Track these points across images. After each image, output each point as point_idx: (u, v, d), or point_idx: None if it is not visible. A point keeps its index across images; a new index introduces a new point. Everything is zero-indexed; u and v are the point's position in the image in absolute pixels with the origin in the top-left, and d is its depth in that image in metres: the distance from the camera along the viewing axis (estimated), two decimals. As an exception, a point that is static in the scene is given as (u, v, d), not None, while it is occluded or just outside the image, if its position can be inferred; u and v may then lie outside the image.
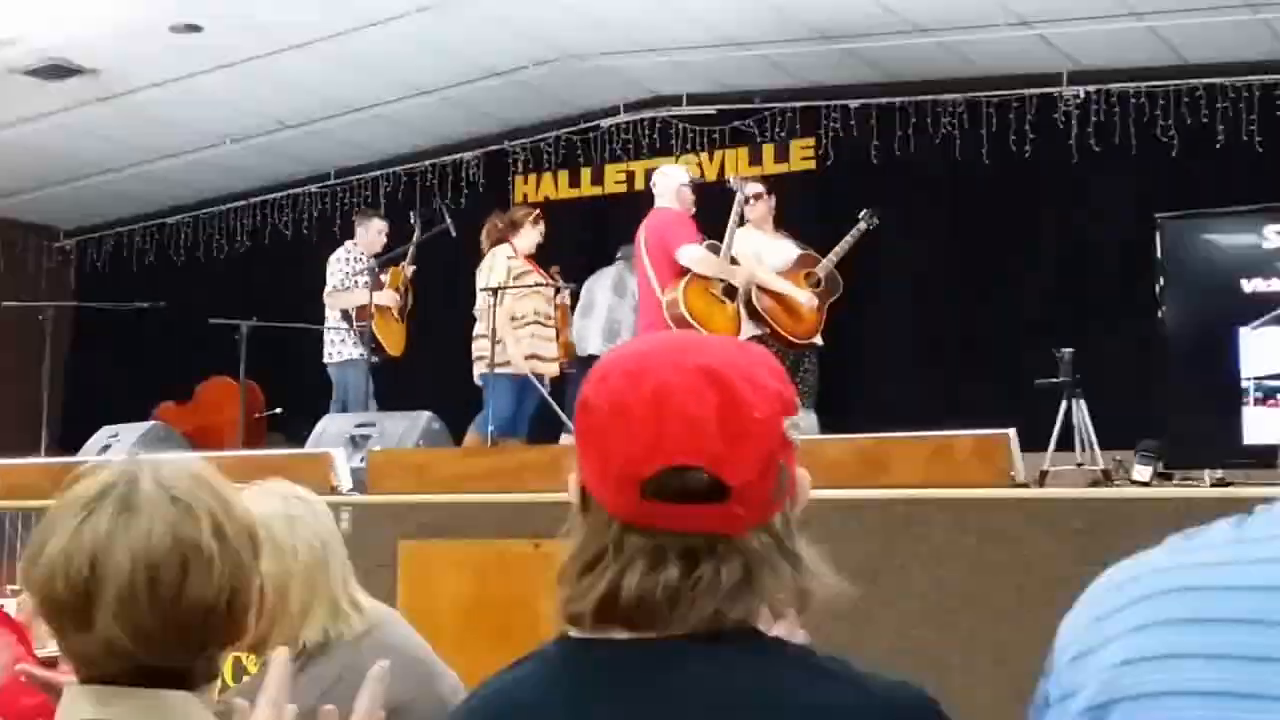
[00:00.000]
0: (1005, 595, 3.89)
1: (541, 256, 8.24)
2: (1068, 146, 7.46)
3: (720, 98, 8.73)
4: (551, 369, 6.96)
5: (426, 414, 6.17)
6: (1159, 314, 4.81)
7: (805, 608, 1.19)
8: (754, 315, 6.34)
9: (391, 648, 2.25)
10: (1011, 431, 4.54)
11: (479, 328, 6.97)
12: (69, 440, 7.68)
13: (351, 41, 7.62)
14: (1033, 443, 4.80)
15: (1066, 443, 5.03)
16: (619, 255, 7.89)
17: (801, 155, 8.51)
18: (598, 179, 9.18)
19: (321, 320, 7.64)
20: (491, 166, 9.46)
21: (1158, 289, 4.91)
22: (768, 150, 8.66)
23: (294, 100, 8.57)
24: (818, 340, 6.48)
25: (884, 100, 8.23)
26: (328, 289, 7.53)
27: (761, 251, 6.46)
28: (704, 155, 8.85)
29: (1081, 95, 7.72)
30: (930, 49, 7.64)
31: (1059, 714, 0.98)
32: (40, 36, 7.34)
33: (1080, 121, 7.62)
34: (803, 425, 1.22)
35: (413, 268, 7.61)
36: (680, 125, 8.89)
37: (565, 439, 7.67)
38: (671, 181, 6.82)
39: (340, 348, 7.45)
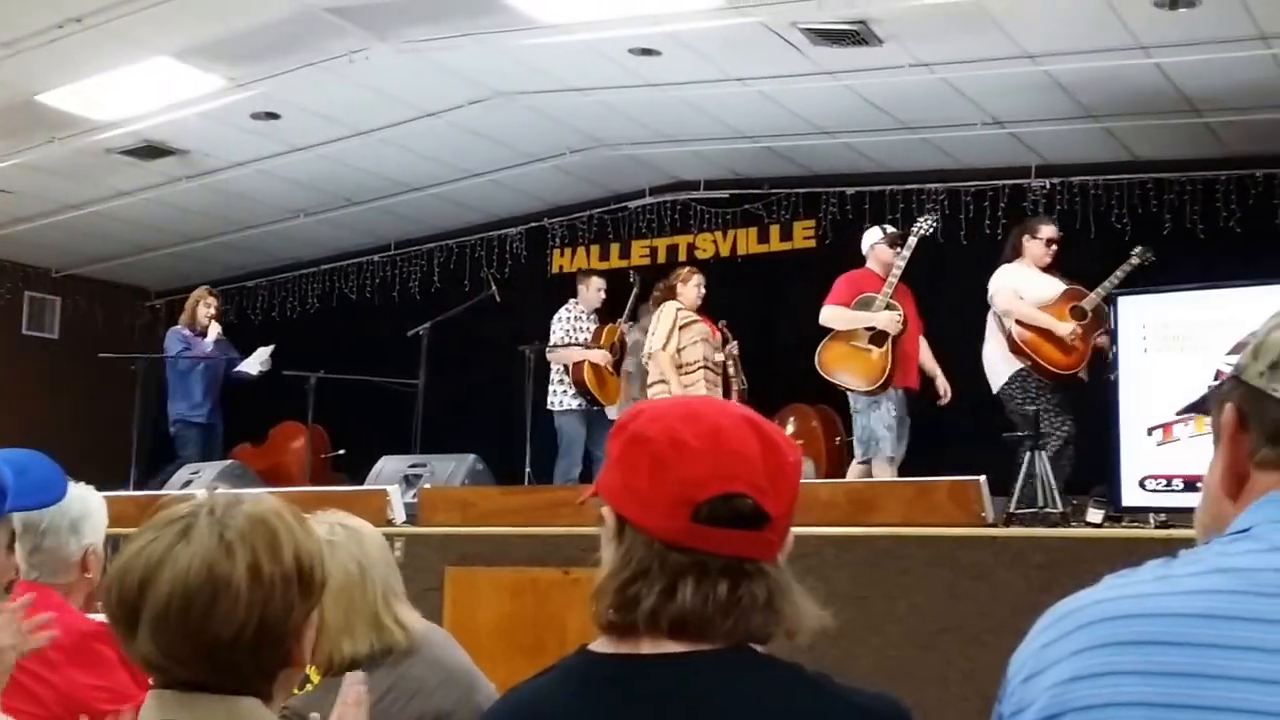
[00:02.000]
0: (976, 622, 3.87)
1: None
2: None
3: (733, 183, 8.75)
4: None
5: (472, 456, 6.19)
6: (1112, 377, 4.81)
7: (796, 635, 1.20)
8: (1015, 350, 5.62)
9: (437, 662, 2.23)
10: (982, 478, 4.54)
11: (654, 374, 6.69)
12: (155, 476, 7.71)
13: (411, 130, 7.67)
14: (1000, 488, 4.81)
15: (1030, 489, 5.02)
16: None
17: (804, 235, 8.51)
18: (625, 253, 9.17)
19: (380, 373, 7.66)
20: (532, 240, 9.47)
21: (1112, 355, 4.92)
22: (774, 230, 8.67)
23: (359, 180, 8.59)
24: (1082, 373, 5.60)
25: (876, 188, 8.25)
26: (549, 344, 7.43)
27: (1020, 286, 5.74)
28: (718, 234, 8.87)
29: (1047, 186, 7.75)
30: (916, 144, 7.69)
31: None
32: (138, 121, 7.40)
33: (1046, 209, 7.61)
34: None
35: (628, 324, 7.49)
36: (698, 207, 8.91)
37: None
38: (864, 244, 6.38)
39: (561, 398, 7.32)
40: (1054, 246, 5.89)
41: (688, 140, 8.04)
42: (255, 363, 7.71)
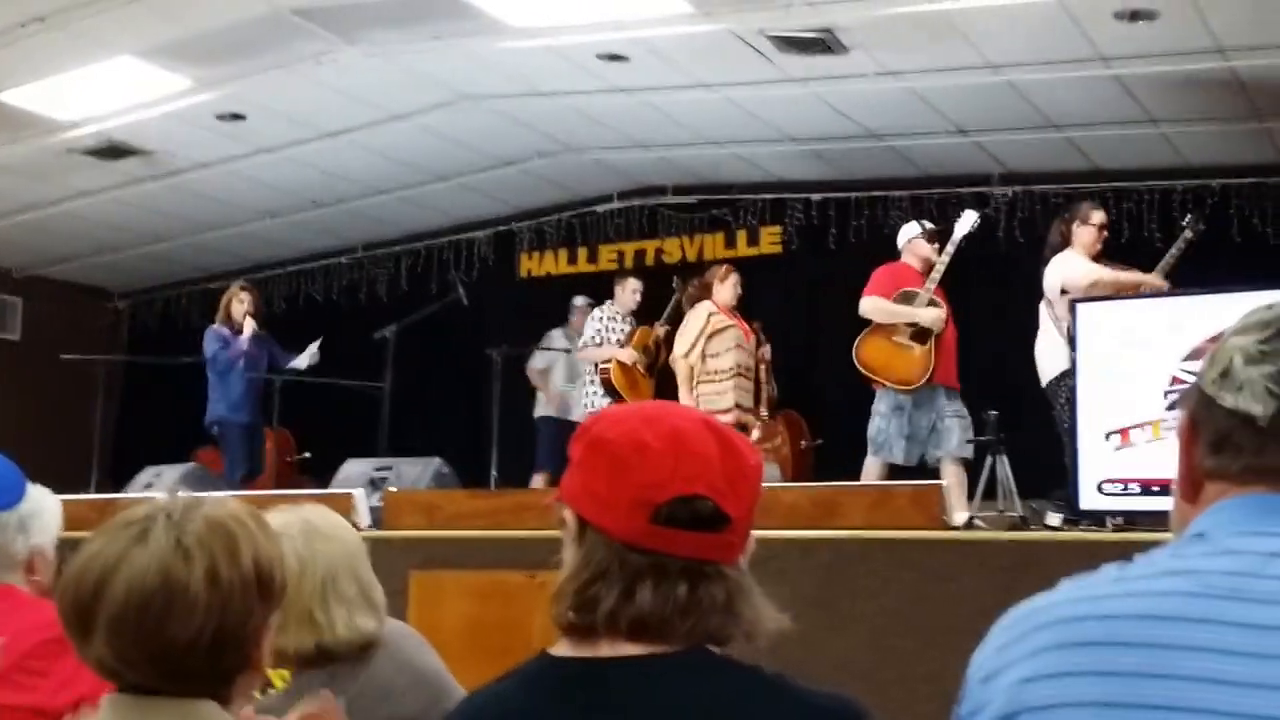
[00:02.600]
0: (937, 623, 3.89)
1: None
2: (997, 238, 7.53)
3: (701, 189, 8.77)
4: (748, 419, 6.43)
5: (438, 460, 6.18)
6: (1072, 383, 4.86)
7: (755, 638, 1.20)
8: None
9: (407, 664, 2.20)
10: (944, 483, 4.58)
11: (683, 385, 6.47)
12: (117, 478, 7.62)
13: (379, 132, 7.63)
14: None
15: (991, 493, 5.06)
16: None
17: (769, 240, 8.54)
18: (593, 257, 9.18)
19: (346, 376, 7.58)
20: (500, 244, 9.45)
21: (1071, 361, 4.97)
22: (741, 235, 8.70)
23: (326, 182, 8.53)
24: None
25: (841, 195, 8.30)
26: (580, 343, 7.37)
27: (1065, 270, 5.45)
28: (685, 238, 8.90)
29: (1010, 194, 7.83)
30: (882, 152, 7.74)
31: None
32: (101, 121, 7.32)
33: (1008, 216, 7.70)
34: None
35: (665, 328, 7.27)
36: (665, 212, 8.92)
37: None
38: (902, 238, 6.14)
39: (591, 398, 7.21)
40: (1105, 233, 5.66)
41: (655, 145, 8.06)
42: (306, 358, 7.51)
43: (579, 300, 8.10)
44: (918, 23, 5.91)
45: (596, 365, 7.20)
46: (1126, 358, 4.63)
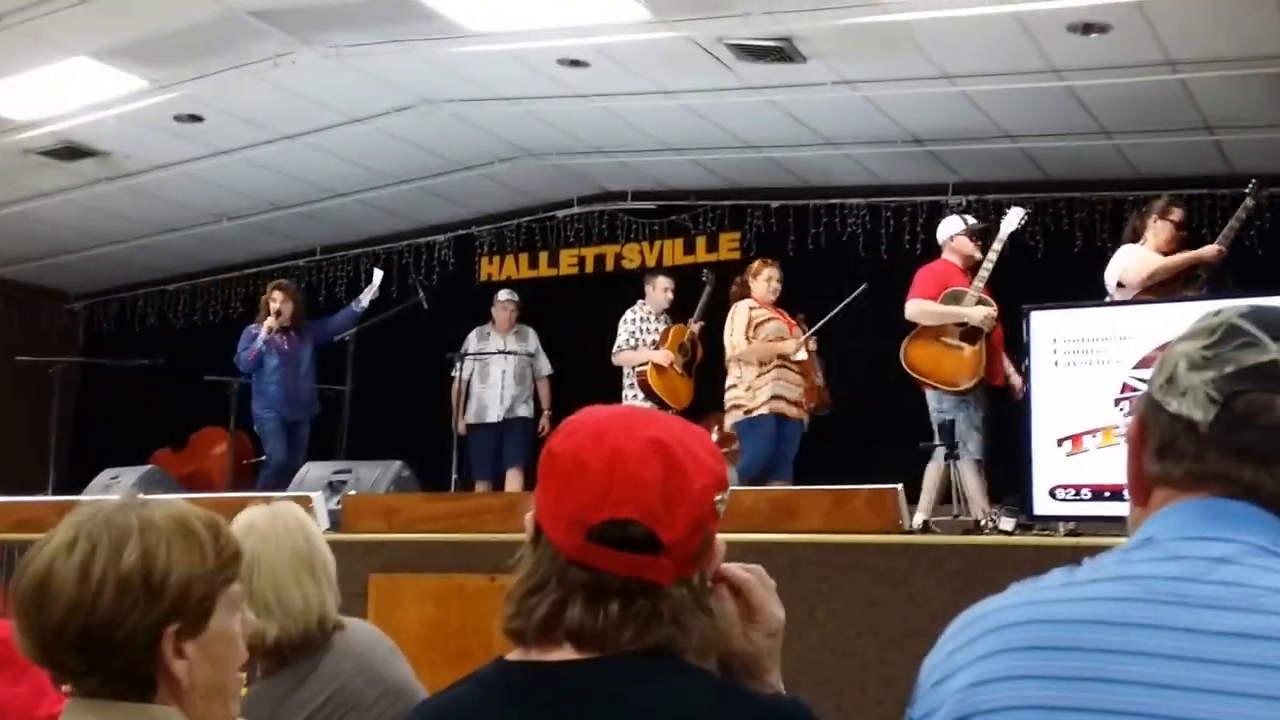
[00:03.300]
0: (893, 626, 3.91)
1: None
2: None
3: (660, 194, 8.78)
4: (795, 412, 6.29)
5: (398, 463, 6.12)
6: (1025, 390, 4.91)
7: (708, 652, 1.19)
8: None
9: (376, 676, 2.20)
10: (899, 486, 4.61)
11: (731, 377, 6.30)
12: (74, 480, 7.51)
13: (338, 135, 7.58)
14: (917, 497, 4.88)
15: (946, 497, 5.10)
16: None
17: (729, 247, 8.57)
18: (553, 262, 9.18)
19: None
20: (460, 248, 9.42)
21: (1024, 368, 5.02)
22: (700, 241, 8.72)
23: (285, 185, 8.46)
24: None
25: (800, 202, 8.34)
26: (614, 348, 7.11)
27: (1123, 262, 5.32)
28: (645, 244, 8.92)
29: (964, 203, 7.86)
30: (840, 160, 7.79)
31: None
32: (57, 122, 7.23)
33: (962, 225, 7.82)
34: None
35: (700, 324, 7.11)
36: (625, 218, 8.94)
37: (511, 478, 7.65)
38: (941, 235, 5.96)
39: (633, 401, 6.96)
40: (1183, 231, 5.48)
41: (615, 151, 8.06)
42: (368, 295, 7.50)
43: (502, 295, 8.02)
44: (875, 34, 5.95)
45: (634, 369, 7.02)
46: (1079, 365, 4.68)
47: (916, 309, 5.66)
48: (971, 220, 6.02)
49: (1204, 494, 1.01)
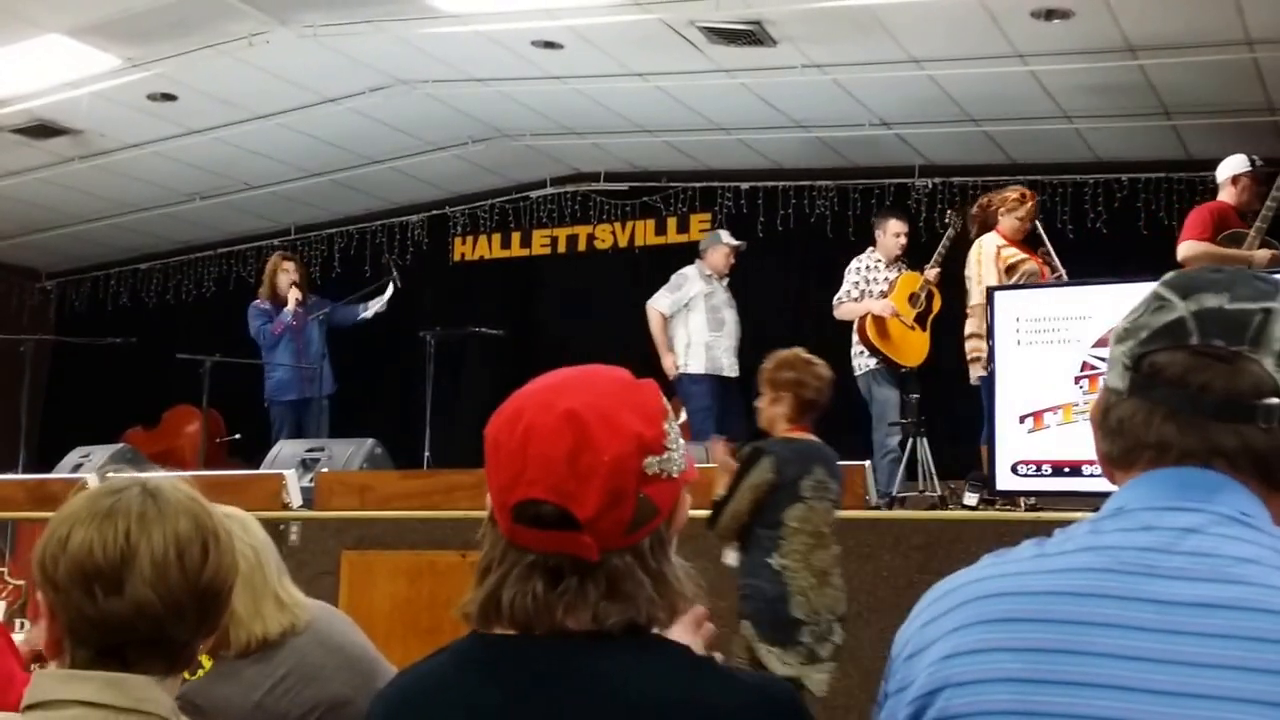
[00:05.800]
0: (861, 600, 3.89)
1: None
2: (919, 227, 7.61)
3: (632, 176, 8.74)
4: None
5: (371, 441, 6.10)
6: (989, 369, 4.93)
7: (673, 617, 1.17)
8: None
9: (338, 649, 2.18)
10: (867, 463, 4.62)
11: (970, 326, 5.60)
12: (45, 459, 7.42)
13: (311, 115, 7.50)
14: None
15: (911, 473, 5.12)
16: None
17: (700, 227, 8.50)
18: (526, 242, 9.13)
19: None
20: (434, 228, 9.35)
21: (989, 349, 5.04)
22: (671, 222, 8.70)
23: (257, 164, 8.36)
24: None
25: (769, 183, 8.34)
26: (835, 299, 6.32)
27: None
28: (617, 225, 8.89)
29: (930, 186, 7.92)
30: (809, 142, 7.78)
31: (896, 702, 1.01)
32: (30, 99, 7.10)
33: (929, 207, 7.78)
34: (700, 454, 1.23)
35: (936, 270, 6.29)
36: (598, 198, 8.89)
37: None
38: (1223, 173, 5.42)
39: (860, 359, 6.16)
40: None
41: (588, 133, 8.02)
42: (374, 307, 7.16)
43: (730, 239, 6.95)
44: (844, 18, 5.94)
45: (853, 323, 6.23)
46: (1040, 344, 4.71)
47: (1192, 251, 5.07)
48: (1259, 160, 5.41)
49: (1169, 463, 1.00)
